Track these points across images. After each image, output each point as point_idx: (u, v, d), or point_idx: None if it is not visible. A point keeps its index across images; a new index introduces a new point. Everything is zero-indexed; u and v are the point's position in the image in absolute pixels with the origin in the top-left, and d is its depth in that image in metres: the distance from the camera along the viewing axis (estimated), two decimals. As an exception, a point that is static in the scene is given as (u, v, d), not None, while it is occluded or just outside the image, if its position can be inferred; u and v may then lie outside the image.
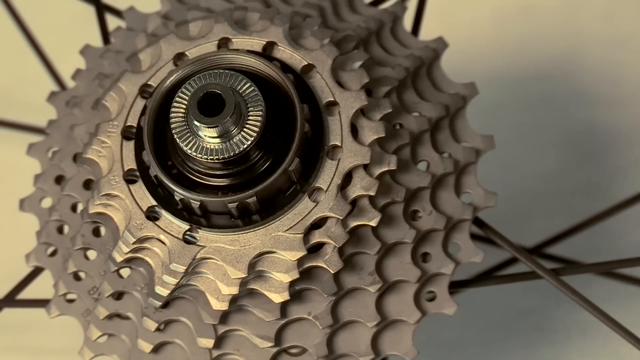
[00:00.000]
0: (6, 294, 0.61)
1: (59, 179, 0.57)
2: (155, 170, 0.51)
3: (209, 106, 0.50)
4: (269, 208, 0.52)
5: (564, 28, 0.86)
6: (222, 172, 0.51)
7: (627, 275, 0.74)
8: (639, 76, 0.85)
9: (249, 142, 0.50)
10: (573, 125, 0.84)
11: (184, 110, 0.50)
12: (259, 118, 0.50)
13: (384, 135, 0.52)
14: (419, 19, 0.62)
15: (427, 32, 0.63)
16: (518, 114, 0.84)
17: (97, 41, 0.63)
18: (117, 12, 0.65)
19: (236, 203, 0.51)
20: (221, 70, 0.51)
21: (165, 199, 0.52)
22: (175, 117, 0.50)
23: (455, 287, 0.57)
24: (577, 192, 0.82)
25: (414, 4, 0.63)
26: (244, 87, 0.50)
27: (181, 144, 0.50)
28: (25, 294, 0.61)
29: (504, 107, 0.83)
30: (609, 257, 0.68)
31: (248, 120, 0.50)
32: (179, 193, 0.51)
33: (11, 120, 0.73)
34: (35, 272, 0.61)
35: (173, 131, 0.50)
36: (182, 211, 0.52)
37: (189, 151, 0.50)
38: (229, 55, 0.53)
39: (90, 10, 0.66)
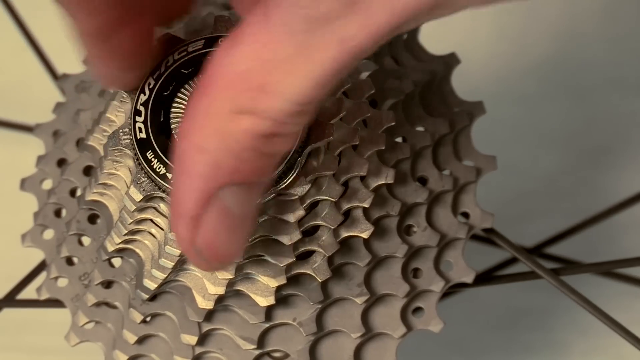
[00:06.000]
0: (6, 294, 0.61)
1: (61, 162, 0.58)
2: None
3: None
4: None
5: (564, 27, 0.86)
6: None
7: (627, 275, 0.74)
8: (639, 76, 0.85)
9: (249, 142, 0.50)
10: (573, 125, 0.84)
11: (184, 110, 0.50)
12: (259, 118, 0.50)
13: (383, 147, 0.52)
14: (419, 19, 0.62)
15: (427, 32, 0.63)
16: (518, 114, 0.84)
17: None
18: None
19: None
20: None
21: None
22: (175, 117, 0.50)
23: (455, 287, 0.57)
24: (577, 192, 0.82)
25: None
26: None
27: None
28: (25, 294, 0.61)
29: (504, 107, 0.83)
30: (609, 257, 0.68)
31: (248, 120, 0.50)
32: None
33: (11, 120, 0.73)
34: (35, 272, 0.61)
35: (173, 131, 0.50)
36: None
37: (189, 151, 0.50)
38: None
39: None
